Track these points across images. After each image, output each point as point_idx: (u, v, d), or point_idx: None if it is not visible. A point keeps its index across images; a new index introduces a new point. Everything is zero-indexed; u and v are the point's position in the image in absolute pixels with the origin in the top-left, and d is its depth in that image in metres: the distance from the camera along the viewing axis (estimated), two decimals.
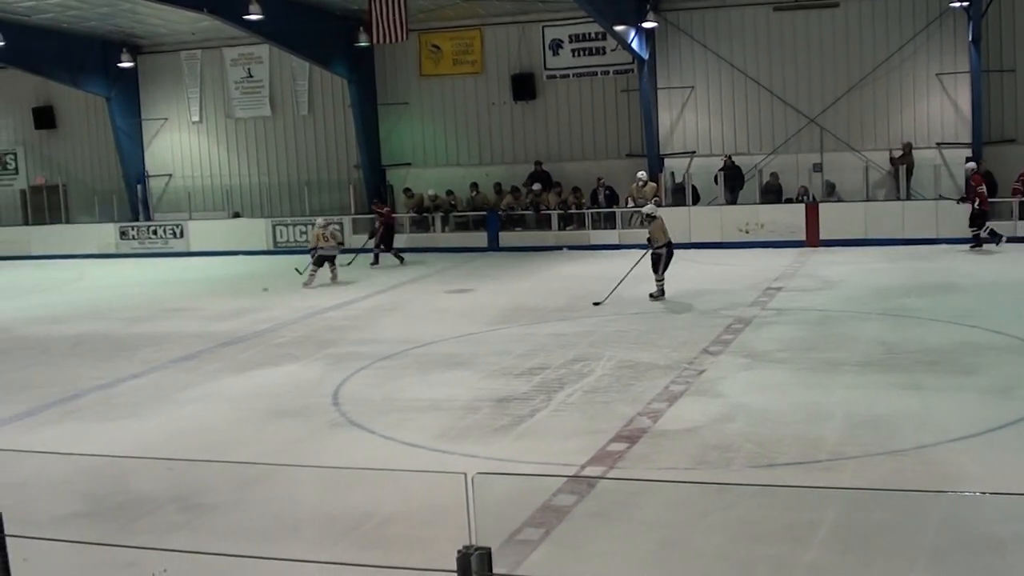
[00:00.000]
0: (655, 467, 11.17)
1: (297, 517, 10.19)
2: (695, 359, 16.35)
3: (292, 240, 36.14)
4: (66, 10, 33.98)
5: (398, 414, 14.29)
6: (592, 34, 34.09)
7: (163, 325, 22.88)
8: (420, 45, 36.18)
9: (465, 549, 4.96)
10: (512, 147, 35.85)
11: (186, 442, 13.56)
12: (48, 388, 17.16)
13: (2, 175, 43.25)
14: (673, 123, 33.74)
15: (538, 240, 33.16)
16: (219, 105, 39.61)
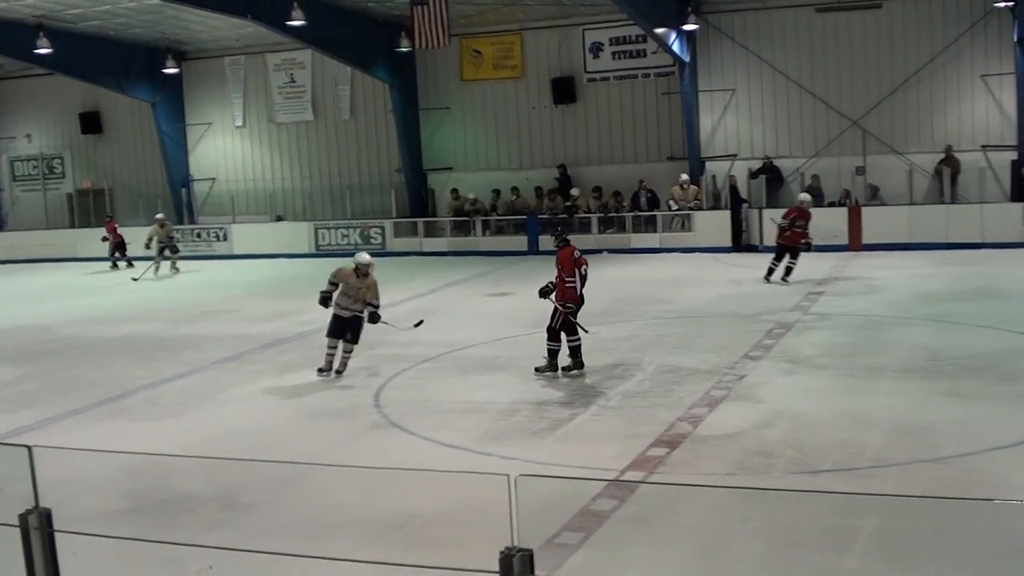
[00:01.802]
0: (695, 472, 11.15)
1: (338, 517, 10.23)
2: (736, 364, 16.30)
3: (334, 243, 36.24)
4: (112, 17, 34.21)
5: (438, 416, 14.33)
6: (633, 37, 34.02)
7: (207, 327, 23.02)
8: (461, 50, 36.21)
9: (507, 550, 4.98)
10: (552, 151, 35.82)
11: (228, 442, 13.66)
12: (95, 387, 17.33)
13: (49, 179, 43.60)
14: (714, 126, 33.63)
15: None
16: (262, 110, 39.79)
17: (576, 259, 16.99)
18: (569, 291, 16.66)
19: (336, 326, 16.95)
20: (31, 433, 14.25)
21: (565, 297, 16.63)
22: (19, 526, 5.81)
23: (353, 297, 16.98)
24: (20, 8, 32.33)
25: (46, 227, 42.00)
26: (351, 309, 17.02)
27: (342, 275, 17.08)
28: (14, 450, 9.37)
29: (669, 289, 24.50)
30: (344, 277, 17.06)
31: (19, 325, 24.49)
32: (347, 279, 17.03)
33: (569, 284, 16.70)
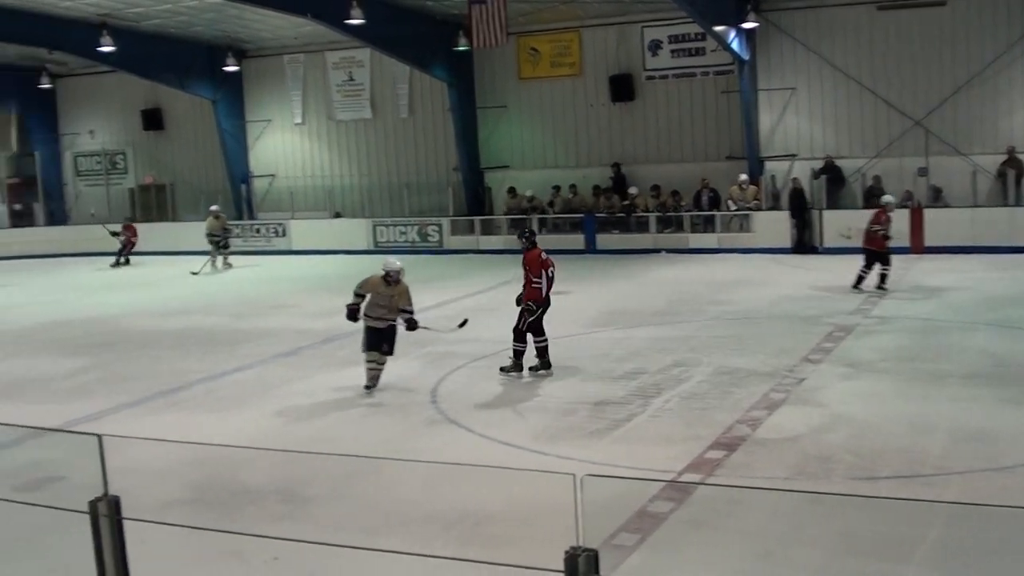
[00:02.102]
0: (753, 476, 11.12)
1: (397, 511, 10.28)
2: (795, 367, 16.21)
3: (392, 240, 36.34)
4: (174, 16, 34.47)
5: (495, 413, 14.38)
6: (692, 35, 33.88)
7: (265, 321, 23.19)
8: (519, 48, 36.20)
9: (572, 550, 4.98)
10: (610, 149, 35.73)
11: (286, 436, 13.78)
12: (155, 379, 17.52)
13: (112, 174, 44.01)
14: (774, 125, 33.41)
15: (635, 243, 33.03)
16: (321, 107, 39.95)
17: (543, 260, 17.07)
18: (535, 292, 16.84)
19: (373, 338, 15.91)
20: (89, 423, 14.43)
21: (529, 297, 16.80)
22: (89, 513, 5.88)
23: (386, 306, 15.98)
24: (84, 7, 32.64)
25: (108, 221, 42.32)
26: (385, 319, 15.98)
27: (370, 284, 16.11)
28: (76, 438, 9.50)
29: (728, 290, 24.39)
30: (372, 286, 16.09)
31: (80, 317, 24.77)
32: (376, 288, 16.05)
33: (535, 285, 16.88)
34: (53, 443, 12.25)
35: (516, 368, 16.65)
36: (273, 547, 8.86)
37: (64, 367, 19.00)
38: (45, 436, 12.28)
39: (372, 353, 15.89)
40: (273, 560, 8.64)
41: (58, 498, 8.95)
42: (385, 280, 16.03)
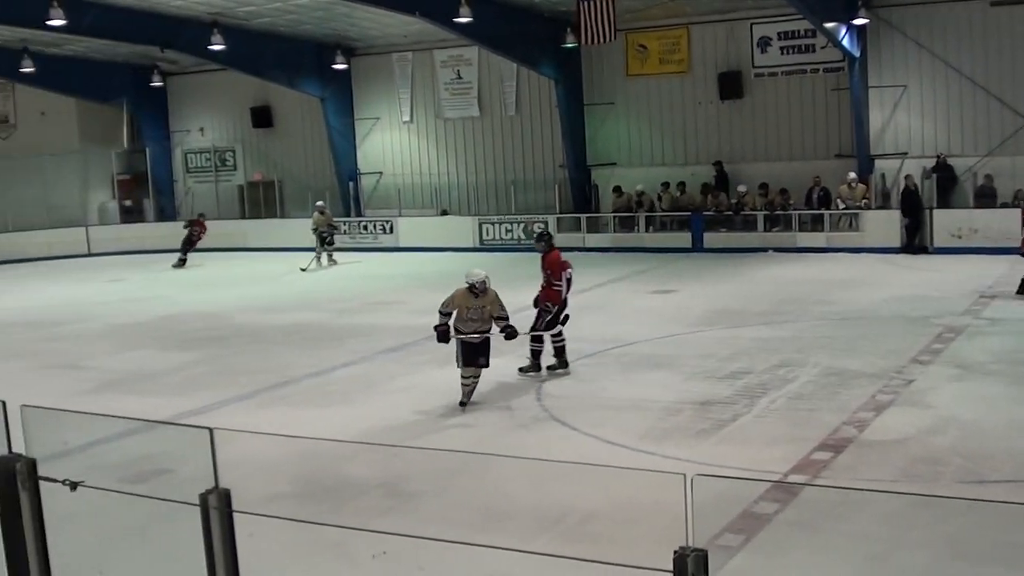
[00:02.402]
0: (860, 478, 11.04)
1: (502, 508, 10.35)
2: (903, 368, 16.03)
3: (498, 238, 36.44)
4: (284, 14, 34.82)
5: (600, 412, 14.39)
6: (802, 31, 33.56)
7: (372, 317, 23.39)
8: (627, 45, 36.09)
9: (682, 550, 4.98)
10: (718, 146, 35.52)
11: (392, 431, 13.90)
12: (262, 374, 17.77)
13: (221, 171, 44.58)
14: (884, 123, 32.99)
15: (743, 241, 32.82)
16: (429, 105, 40.12)
17: (563, 263, 17.32)
18: (555, 294, 17.09)
19: (469, 354, 15.05)
20: (198, 417, 14.66)
21: (550, 299, 16.99)
22: (199, 505, 5.98)
23: (478, 319, 15.16)
24: (196, 6, 33.08)
25: (218, 218, 42.88)
26: (480, 332, 15.15)
27: (456, 300, 15.22)
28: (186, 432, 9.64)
29: (835, 290, 24.17)
30: (459, 302, 15.21)
31: (190, 312, 25.16)
32: (463, 302, 15.17)
33: (556, 287, 17.07)
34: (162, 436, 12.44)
35: (534, 368, 16.86)
36: (378, 541, 8.95)
37: (174, 361, 19.34)
38: (155, 429, 12.49)
39: (469, 369, 15.10)
40: (381, 554, 8.72)
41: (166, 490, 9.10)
42: (471, 292, 15.17)
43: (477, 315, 15.16)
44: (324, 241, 34.31)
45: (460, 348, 15.09)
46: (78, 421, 9.85)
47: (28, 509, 6.51)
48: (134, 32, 34.93)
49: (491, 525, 9.94)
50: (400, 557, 8.78)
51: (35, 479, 6.46)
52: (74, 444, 8.73)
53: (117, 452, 11.57)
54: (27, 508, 6.51)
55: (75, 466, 6.69)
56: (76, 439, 9.06)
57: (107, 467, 10.62)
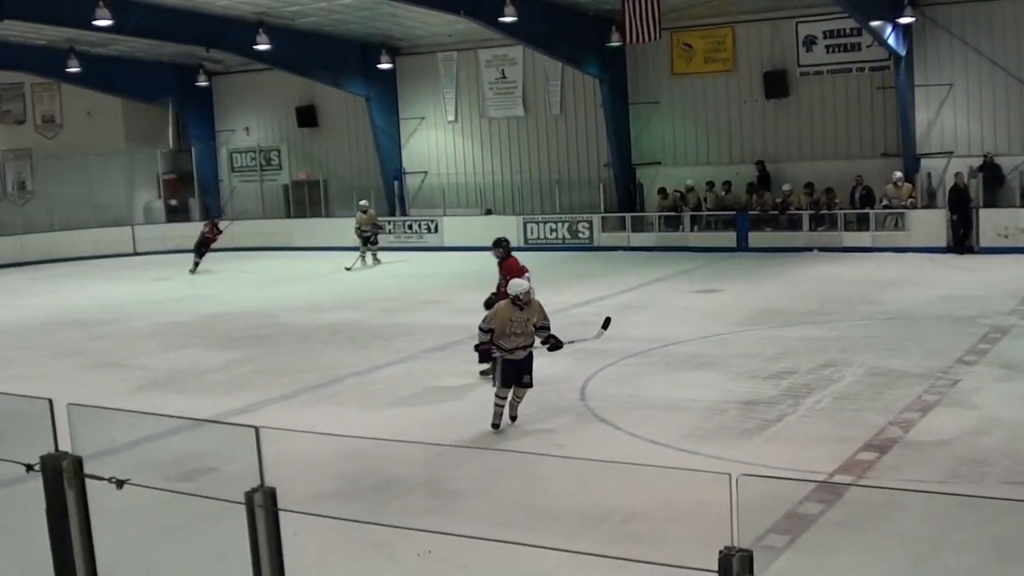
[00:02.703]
0: (905, 479, 10.99)
1: (545, 507, 10.35)
2: (949, 368, 15.95)
3: (542, 237, 36.45)
4: (329, 14, 34.93)
5: (644, 411, 14.38)
6: (847, 30, 33.40)
7: (417, 316, 23.45)
8: (672, 44, 36.01)
9: (727, 550, 4.96)
10: (764, 146, 35.40)
11: (436, 430, 13.93)
12: (308, 373, 17.85)
13: (267, 170, 44.73)
14: (930, 122, 32.75)
15: (788, 241, 32.68)
16: (474, 105, 40.16)
17: (521, 268, 17.25)
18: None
19: (511, 372, 13.98)
20: (243, 415, 14.75)
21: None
22: (245, 504, 6.01)
23: (522, 333, 14.04)
24: (241, 5, 33.22)
25: (263, 217, 43.13)
26: (524, 347, 14.11)
27: (499, 316, 14.04)
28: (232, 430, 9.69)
29: (881, 289, 24.06)
30: (502, 317, 14.00)
31: (235, 311, 25.30)
32: (507, 317, 13.98)
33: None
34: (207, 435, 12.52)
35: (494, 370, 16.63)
36: (422, 540, 8.98)
37: (220, 360, 19.45)
38: (201, 428, 12.57)
39: (506, 390, 14.01)
40: (426, 553, 8.75)
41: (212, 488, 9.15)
42: (516, 305, 14.00)
43: (522, 329, 14.02)
44: (367, 241, 34.38)
45: (501, 367, 13.96)
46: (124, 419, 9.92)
47: (74, 507, 6.55)
48: (180, 32, 35.11)
49: (535, 524, 9.94)
50: (444, 556, 8.81)
51: (81, 477, 6.50)
52: (120, 442, 8.79)
53: (163, 451, 11.66)
54: (73, 506, 6.55)
55: (121, 464, 6.74)
56: (122, 437, 9.12)
57: (153, 465, 10.68)
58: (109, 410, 9.01)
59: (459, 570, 8.83)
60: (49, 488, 6.57)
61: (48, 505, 6.60)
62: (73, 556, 6.59)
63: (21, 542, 8.62)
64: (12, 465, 6.75)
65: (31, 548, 6.96)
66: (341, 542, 9.36)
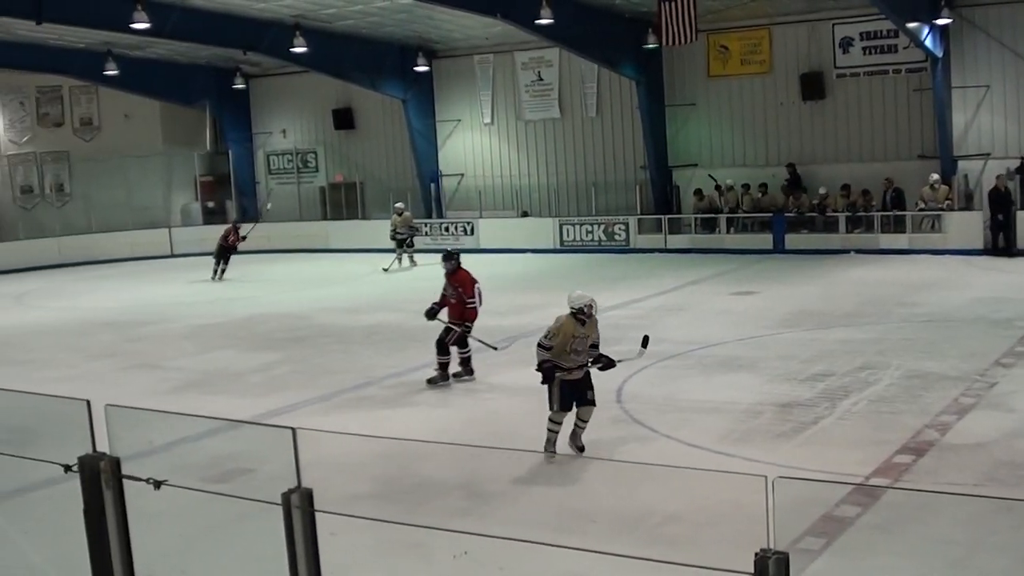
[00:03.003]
0: (942, 482, 10.94)
1: (581, 509, 10.36)
2: (987, 371, 15.87)
3: (578, 239, 36.46)
4: (365, 17, 35.01)
5: (680, 414, 14.36)
6: (884, 31, 33.27)
7: None
8: (708, 46, 35.95)
9: (763, 552, 4.96)
10: (800, 147, 35.29)
11: (472, 431, 13.96)
12: (344, 374, 17.92)
13: (303, 172, 44.90)
14: (967, 124, 32.60)
15: (824, 243, 32.57)
16: (510, 107, 40.19)
17: (473, 279, 17.38)
18: (471, 312, 17.24)
19: (568, 395, 12.68)
20: (279, 417, 14.81)
21: (469, 318, 17.12)
22: (281, 505, 6.03)
23: (582, 350, 12.86)
24: (278, 8, 33.34)
25: (299, 219, 43.29)
26: (581, 367, 12.88)
27: (564, 332, 12.73)
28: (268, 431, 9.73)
29: (918, 292, 23.95)
30: (565, 333, 12.72)
31: (272, 312, 25.39)
32: (571, 332, 12.74)
33: (471, 305, 17.13)
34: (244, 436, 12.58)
35: (443, 378, 16.92)
36: (458, 541, 9.00)
37: (256, 361, 19.52)
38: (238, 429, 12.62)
39: (563, 414, 12.77)
40: (462, 555, 8.77)
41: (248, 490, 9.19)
42: (578, 319, 12.84)
43: (582, 346, 12.83)
44: (402, 243, 34.42)
45: (559, 390, 12.65)
46: (161, 421, 9.98)
47: (112, 508, 6.59)
48: (217, 35, 35.26)
49: (571, 526, 9.95)
50: (480, 558, 8.82)
51: (119, 478, 6.54)
52: (158, 443, 8.84)
53: (200, 452, 11.71)
54: (111, 507, 6.59)
55: (159, 465, 6.78)
56: (160, 438, 9.18)
57: (190, 466, 10.74)
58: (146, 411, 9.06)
59: (495, 571, 8.84)
60: (87, 489, 6.61)
61: (86, 506, 6.64)
62: (110, 557, 6.63)
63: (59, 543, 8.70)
64: (50, 466, 6.80)
65: (69, 549, 7.02)
66: (377, 543, 9.39)
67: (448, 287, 17.44)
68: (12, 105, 44.00)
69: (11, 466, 8.57)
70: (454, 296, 17.20)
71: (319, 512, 6.07)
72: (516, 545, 7.40)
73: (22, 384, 14.82)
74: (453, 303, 17.23)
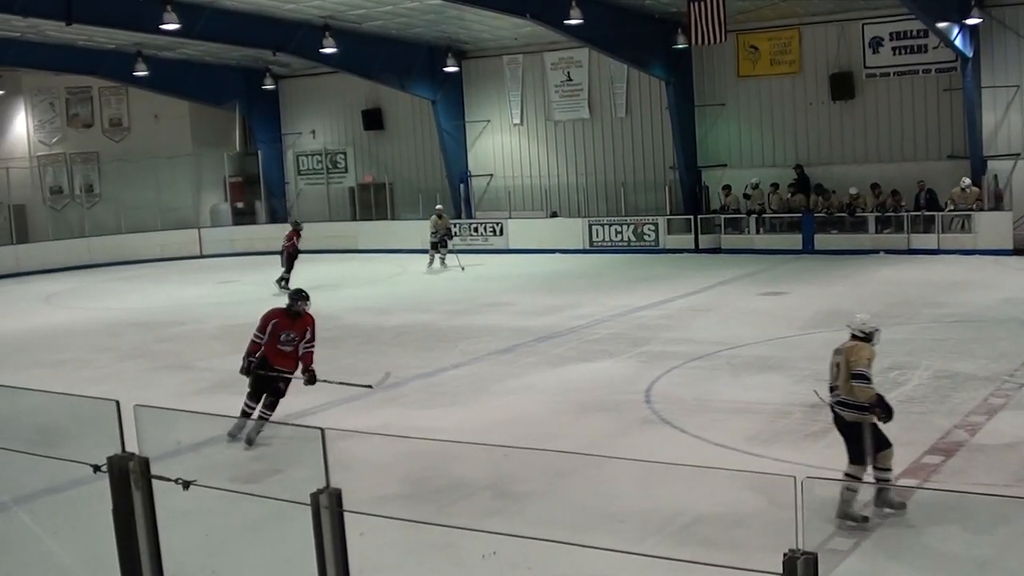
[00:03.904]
0: (971, 482, 10.91)
1: (610, 509, 10.37)
2: (1016, 371, 15.81)
3: (608, 240, 36.44)
4: (395, 17, 35.05)
5: (709, 414, 14.34)
6: (913, 31, 33.16)
7: (482, 319, 23.48)
8: (738, 46, 35.89)
9: (791, 553, 4.96)
10: (830, 148, 35.18)
11: (502, 432, 13.95)
12: (373, 375, 17.85)
13: (333, 173, 45.00)
14: (997, 123, 32.43)
15: (854, 243, 32.48)
16: (539, 108, 40.18)
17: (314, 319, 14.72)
18: (310, 356, 14.53)
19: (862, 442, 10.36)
20: (308, 417, 14.84)
21: (308, 363, 14.44)
22: (310, 505, 6.06)
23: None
24: (308, 9, 33.40)
25: (329, 219, 43.37)
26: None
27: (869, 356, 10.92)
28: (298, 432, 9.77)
29: (947, 292, 23.86)
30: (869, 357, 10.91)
31: None
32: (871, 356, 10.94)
33: (309, 349, 14.47)
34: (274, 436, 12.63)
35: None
36: (487, 541, 9.01)
37: None
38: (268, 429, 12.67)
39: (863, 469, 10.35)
40: (491, 555, 8.79)
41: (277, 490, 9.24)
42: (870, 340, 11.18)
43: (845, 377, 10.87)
44: (439, 244, 34.44)
45: (872, 436, 10.42)
46: (190, 421, 10.02)
47: (141, 508, 6.63)
48: (246, 36, 35.35)
49: (600, 526, 9.95)
50: (509, 557, 8.84)
51: (148, 478, 6.58)
52: (186, 444, 8.88)
53: (229, 452, 11.76)
54: (140, 507, 6.63)
55: (187, 465, 6.82)
56: (189, 439, 9.22)
57: (219, 467, 10.80)
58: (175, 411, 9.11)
59: (524, 571, 8.87)
60: (116, 489, 6.66)
61: (115, 505, 6.68)
62: (139, 556, 6.67)
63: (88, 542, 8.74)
64: (79, 466, 6.85)
65: (98, 548, 7.06)
66: (406, 543, 9.42)
67: (282, 332, 14.40)
68: (42, 106, 44.25)
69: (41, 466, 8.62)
70: (288, 344, 14.38)
71: (348, 512, 6.09)
72: (545, 545, 7.41)
73: (52, 385, 14.92)
74: (286, 351, 14.41)
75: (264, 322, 14.40)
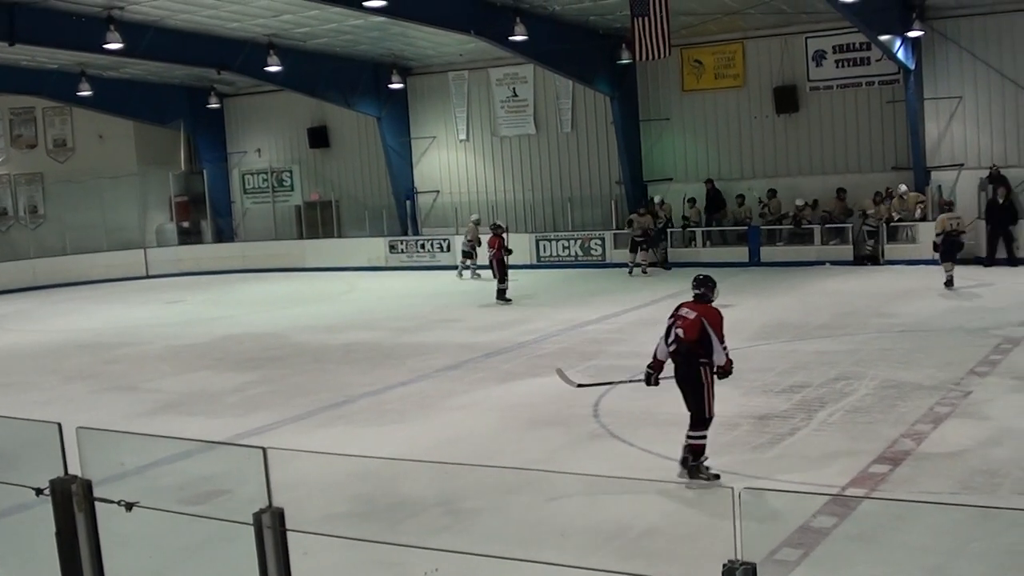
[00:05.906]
0: (918, 490, 10.96)
1: (557, 524, 10.35)
2: (961, 380, 15.91)
3: (555, 255, 36.51)
4: (339, 35, 35.00)
5: (657, 428, 14.33)
6: (856, 44, 33.40)
7: (429, 335, 23.44)
8: (682, 60, 36.03)
9: (730, 563, 4.97)
10: (775, 161, 35.39)
11: (450, 448, 13.92)
12: (321, 393, 17.86)
13: (279, 191, 44.83)
14: (940, 134, 32.73)
15: (799, 255, 32.68)
16: (485, 124, 40.22)
17: None
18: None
19: None
20: (256, 437, 14.75)
21: None
22: (253, 524, 6.02)
23: None
24: (252, 27, 33.30)
25: (275, 238, 43.24)
26: None
27: None
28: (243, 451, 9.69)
29: (893, 302, 24.02)
30: None
31: (248, 332, 25.33)
32: None
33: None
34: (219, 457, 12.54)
35: None
36: (432, 558, 8.98)
37: (233, 382, 19.46)
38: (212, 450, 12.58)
39: None
40: (434, 572, 8.75)
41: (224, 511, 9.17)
42: None
43: None
44: (470, 253, 34.60)
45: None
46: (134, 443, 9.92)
47: (84, 530, 6.57)
48: (191, 55, 35.21)
49: (546, 541, 9.93)
50: (453, 574, 8.79)
51: (91, 501, 6.52)
52: (131, 466, 8.80)
53: (174, 474, 11.67)
54: (83, 529, 6.57)
55: (131, 488, 6.76)
56: (133, 461, 9.13)
57: (164, 489, 10.70)
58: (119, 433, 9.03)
59: None
60: (59, 512, 6.60)
61: (58, 529, 6.62)
62: None
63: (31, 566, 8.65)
64: (22, 489, 6.77)
65: (41, 572, 6.97)
66: (352, 562, 9.36)
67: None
68: None
69: None
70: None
71: (291, 532, 6.05)
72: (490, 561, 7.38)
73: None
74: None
75: None
